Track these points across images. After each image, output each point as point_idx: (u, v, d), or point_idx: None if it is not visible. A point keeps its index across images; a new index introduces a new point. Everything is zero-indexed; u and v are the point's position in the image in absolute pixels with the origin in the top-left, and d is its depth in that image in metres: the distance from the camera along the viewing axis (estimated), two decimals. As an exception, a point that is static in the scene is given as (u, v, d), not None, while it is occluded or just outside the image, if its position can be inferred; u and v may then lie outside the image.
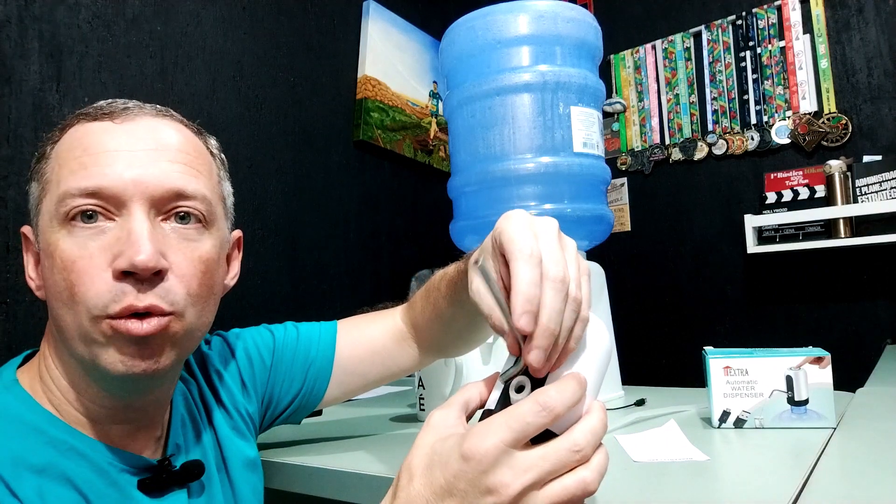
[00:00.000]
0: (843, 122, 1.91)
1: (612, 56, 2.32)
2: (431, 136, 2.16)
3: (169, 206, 0.53)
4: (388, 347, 0.75)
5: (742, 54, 2.08)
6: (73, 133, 0.54)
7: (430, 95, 2.16)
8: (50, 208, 0.52)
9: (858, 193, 1.82)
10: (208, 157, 0.61)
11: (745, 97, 2.07)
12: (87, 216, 0.51)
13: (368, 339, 0.76)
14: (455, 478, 0.38)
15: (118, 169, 0.52)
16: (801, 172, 1.97)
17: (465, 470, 0.37)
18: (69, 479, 0.50)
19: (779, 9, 2.02)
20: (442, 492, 0.38)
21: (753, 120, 2.05)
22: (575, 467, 0.39)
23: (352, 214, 1.83)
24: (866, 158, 1.84)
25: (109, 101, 0.57)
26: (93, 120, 0.55)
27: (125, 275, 0.50)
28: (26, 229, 0.57)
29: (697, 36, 2.17)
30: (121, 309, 0.49)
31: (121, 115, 0.55)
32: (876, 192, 1.79)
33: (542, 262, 0.42)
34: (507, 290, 0.43)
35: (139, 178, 0.52)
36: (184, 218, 0.54)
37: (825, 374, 0.71)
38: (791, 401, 0.72)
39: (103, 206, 0.51)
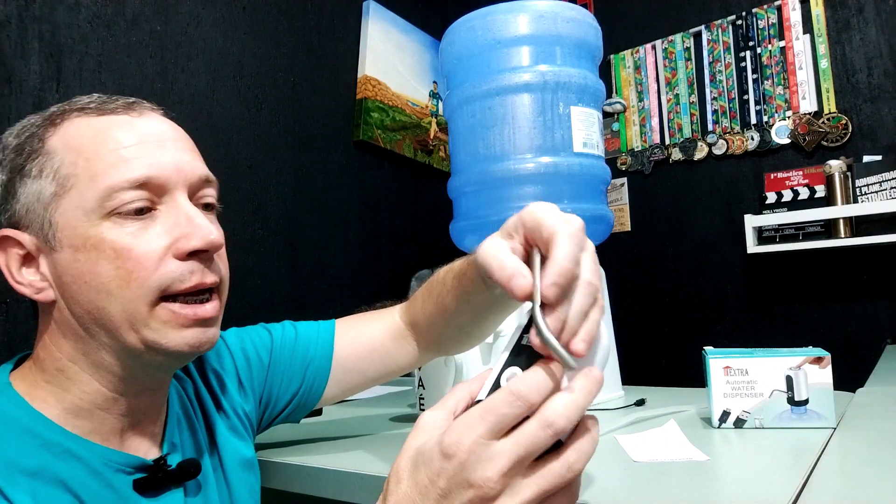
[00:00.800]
0: (843, 122, 1.91)
1: (612, 56, 2.32)
2: (431, 136, 2.16)
3: (199, 193, 0.58)
4: (387, 345, 0.75)
5: (742, 54, 2.08)
6: (86, 127, 0.54)
7: (430, 95, 2.16)
8: (84, 203, 0.52)
9: (858, 193, 1.82)
10: None
11: (745, 97, 2.07)
12: (137, 212, 0.53)
13: (367, 337, 0.76)
14: (438, 476, 0.38)
15: (161, 158, 0.54)
16: (801, 172, 1.97)
17: (446, 467, 0.38)
18: (63, 482, 0.50)
19: (779, 9, 2.02)
20: (426, 490, 0.38)
21: (753, 120, 2.05)
22: (561, 450, 0.38)
23: (352, 214, 1.83)
24: (866, 158, 1.84)
25: (99, 95, 0.58)
26: (102, 114, 0.55)
27: (190, 255, 0.53)
28: (11, 232, 0.54)
29: (697, 36, 2.17)
30: (190, 286, 0.54)
31: (134, 110, 0.57)
32: (876, 192, 1.79)
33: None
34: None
35: (179, 165, 0.55)
36: (206, 206, 0.59)
37: (825, 374, 0.71)
38: (791, 401, 0.72)
39: (148, 196, 0.53)
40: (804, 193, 1.95)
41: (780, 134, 2.00)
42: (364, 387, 0.78)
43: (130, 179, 0.52)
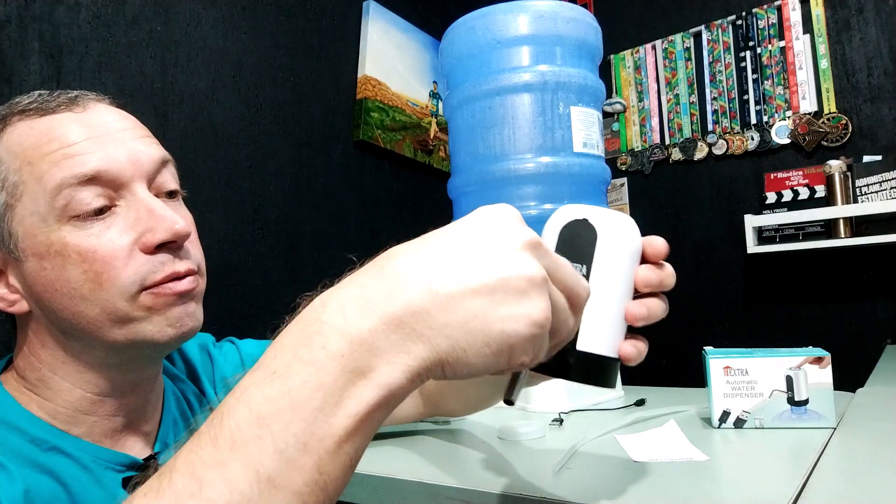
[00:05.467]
0: (843, 122, 1.91)
1: (612, 56, 2.32)
2: (431, 136, 2.16)
3: (158, 180, 0.56)
4: None
5: (742, 54, 2.08)
6: (28, 131, 0.52)
7: (430, 95, 2.16)
8: (39, 208, 0.50)
9: (858, 193, 1.82)
10: None
11: (745, 97, 2.07)
12: (97, 212, 0.51)
13: None
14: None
15: (112, 152, 0.52)
16: (801, 172, 1.97)
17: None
18: (52, 472, 0.50)
19: (779, 9, 2.02)
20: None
21: (753, 120, 2.05)
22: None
23: (352, 214, 1.83)
24: (866, 158, 1.84)
25: (40, 93, 0.55)
26: (43, 114, 0.53)
27: (158, 248, 0.52)
28: None
29: (697, 36, 2.17)
30: (163, 277, 0.52)
31: (78, 105, 0.54)
32: (876, 192, 1.79)
33: None
34: None
35: (132, 155, 0.54)
36: (171, 194, 0.58)
37: (825, 374, 0.71)
38: (791, 401, 0.72)
39: (104, 192, 0.51)
40: (804, 193, 1.95)
41: (780, 134, 2.00)
42: None
43: (78, 174, 0.50)
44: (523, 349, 0.33)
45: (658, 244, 0.48)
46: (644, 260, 0.48)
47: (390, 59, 1.98)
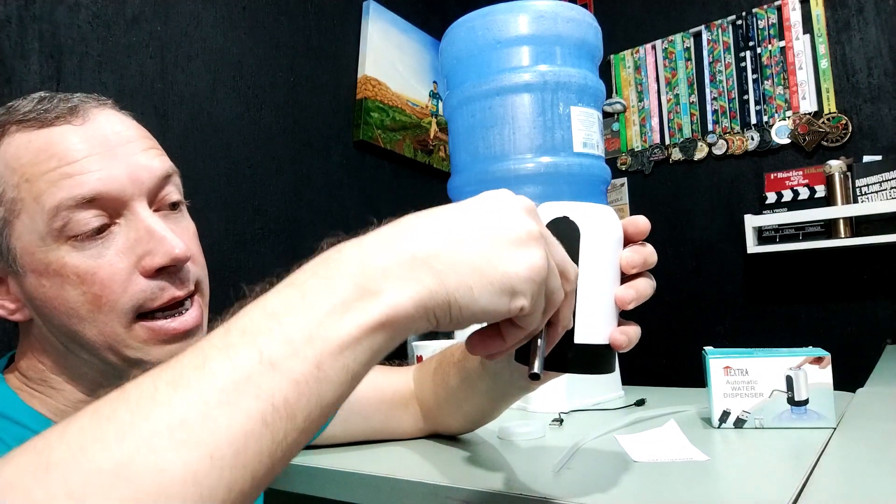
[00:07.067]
0: (843, 122, 1.91)
1: (612, 56, 2.32)
2: (431, 136, 2.16)
3: (160, 194, 0.55)
4: (396, 401, 0.75)
5: (742, 54, 2.08)
6: (26, 144, 0.50)
7: (430, 95, 2.16)
8: (37, 227, 0.49)
9: (858, 193, 1.82)
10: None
11: (745, 97, 2.07)
12: (95, 232, 0.50)
13: (377, 384, 0.75)
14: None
15: (112, 170, 0.51)
16: (801, 172, 1.97)
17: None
18: None
19: (779, 9, 2.02)
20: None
21: (753, 120, 2.05)
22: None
23: (352, 214, 1.83)
24: (866, 158, 1.84)
25: (40, 98, 0.53)
26: (41, 126, 0.51)
27: (158, 271, 0.51)
28: None
29: (697, 36, 2.17)
30: (164, 303, 0.52)
31: (77, 116, 0.52)
32: (876, 192, 1.79)
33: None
34: None
35: (133, 173, 0.52)
36: (174, 206, 0.56)
37: (825, 374, 0.71)
38: (791, 401, 0.72)
39: (103, 213, 0.50)
40: (804, 193, 1.95)
41: (780, 134, 2.00)
42: (365, 435, 0.77)
43: (77, 197, 0.48)
44: (523, 292, 0.36)
45: (641, 223, 0.50)
46: (626, 242, 0.50)
47: (390, 59, 1.98)
